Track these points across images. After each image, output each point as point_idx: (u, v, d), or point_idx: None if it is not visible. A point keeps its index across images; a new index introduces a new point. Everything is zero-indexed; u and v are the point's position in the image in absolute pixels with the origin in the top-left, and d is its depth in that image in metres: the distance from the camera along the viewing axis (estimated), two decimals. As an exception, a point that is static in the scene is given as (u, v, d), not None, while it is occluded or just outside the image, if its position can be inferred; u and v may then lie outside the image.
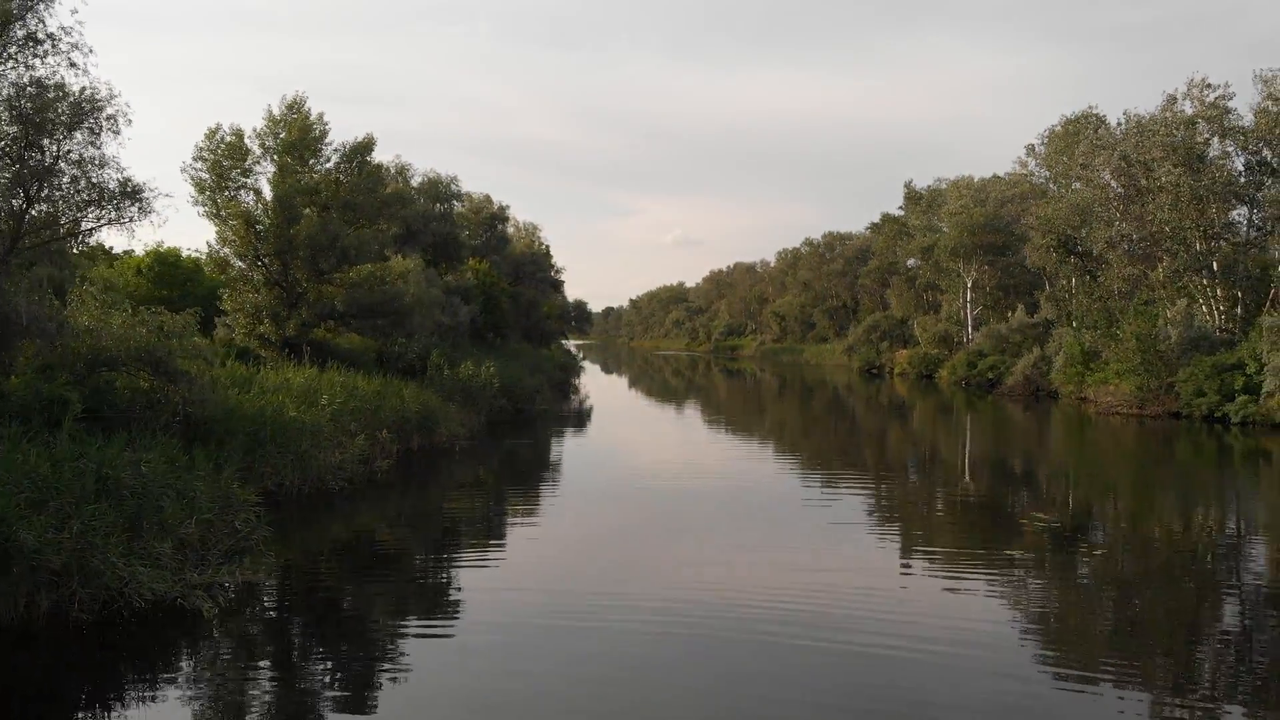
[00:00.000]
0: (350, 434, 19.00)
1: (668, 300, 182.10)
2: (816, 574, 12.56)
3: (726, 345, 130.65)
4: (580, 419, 37.23)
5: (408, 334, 31.80)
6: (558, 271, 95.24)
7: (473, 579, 12.77)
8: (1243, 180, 34.20)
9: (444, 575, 13.26)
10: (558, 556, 14.13)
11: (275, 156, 26.49)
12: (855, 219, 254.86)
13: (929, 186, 67.59)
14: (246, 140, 26.53)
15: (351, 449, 17.98)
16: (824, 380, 65.70)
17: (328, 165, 27.35)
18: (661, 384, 68.01)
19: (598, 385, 62.90)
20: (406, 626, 10.62)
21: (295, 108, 26.83)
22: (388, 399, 22.01)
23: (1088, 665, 9.36)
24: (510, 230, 67.16)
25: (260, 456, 16.73)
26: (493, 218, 57.61)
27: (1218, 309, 36.60)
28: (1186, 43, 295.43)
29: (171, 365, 16.19)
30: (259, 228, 26.36)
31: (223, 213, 26.00)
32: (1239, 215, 36.65)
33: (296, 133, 26.33)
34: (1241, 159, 34.83)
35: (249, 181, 26.62)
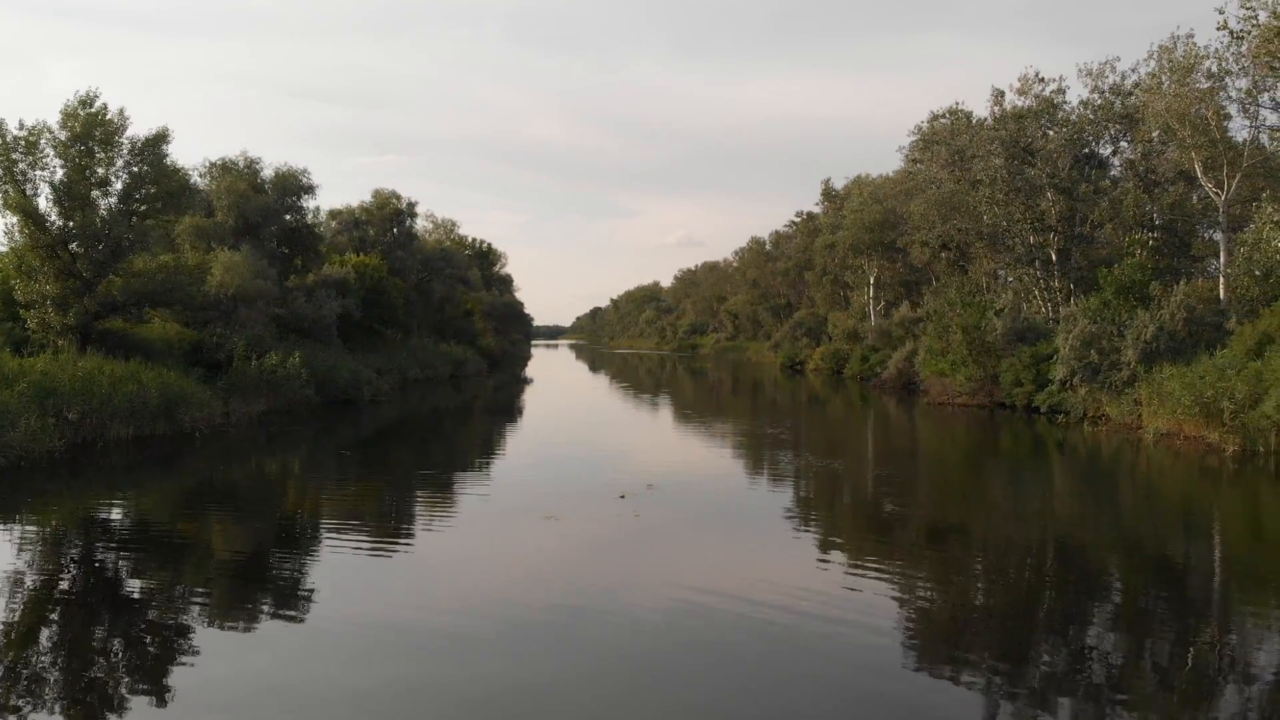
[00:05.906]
0: (50, 416, 19.64)
1: (642, 300, 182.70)
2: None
3: (689, 344, 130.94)
4: (424, 411, 37.70)
5: (235, 325, 32.45)
6: (499, 268, 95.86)
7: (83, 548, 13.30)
8: (1064, 173, 34.41)
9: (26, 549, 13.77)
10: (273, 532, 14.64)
11: (66, 150, 27.11)
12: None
13: (844, 185, 68.07)
14: (42, 136, 27.18)
15: (23, 428, 18.51)
16: (739, 378, 65.91)
17: (124, 157, 27.97)
18: (607, 378, 68.50)
19: (555, 382, 62.48)
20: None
21: (87, 103, 27.43)
22: (125, 384, 22.53)
23: (942, 657, 9.32)
24: (426, 225, 67.86)
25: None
26: (398, 213, 58.05)
27: (1050, 301, 36.91)
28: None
29: None
30: (48, 221, 27.02)
31: (10, 204, 26.65)
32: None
33: (83, 126, 26.92)
34: (1069, 152, 35.06)
35: (42, 174, 27.29)
